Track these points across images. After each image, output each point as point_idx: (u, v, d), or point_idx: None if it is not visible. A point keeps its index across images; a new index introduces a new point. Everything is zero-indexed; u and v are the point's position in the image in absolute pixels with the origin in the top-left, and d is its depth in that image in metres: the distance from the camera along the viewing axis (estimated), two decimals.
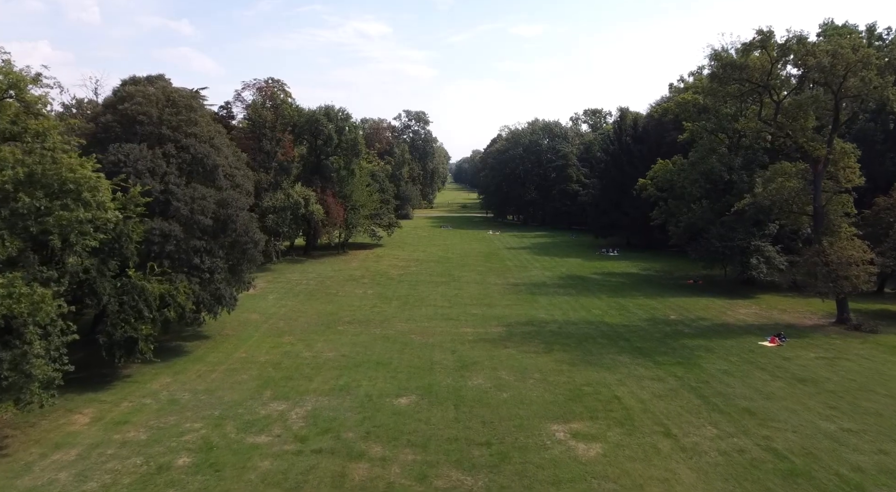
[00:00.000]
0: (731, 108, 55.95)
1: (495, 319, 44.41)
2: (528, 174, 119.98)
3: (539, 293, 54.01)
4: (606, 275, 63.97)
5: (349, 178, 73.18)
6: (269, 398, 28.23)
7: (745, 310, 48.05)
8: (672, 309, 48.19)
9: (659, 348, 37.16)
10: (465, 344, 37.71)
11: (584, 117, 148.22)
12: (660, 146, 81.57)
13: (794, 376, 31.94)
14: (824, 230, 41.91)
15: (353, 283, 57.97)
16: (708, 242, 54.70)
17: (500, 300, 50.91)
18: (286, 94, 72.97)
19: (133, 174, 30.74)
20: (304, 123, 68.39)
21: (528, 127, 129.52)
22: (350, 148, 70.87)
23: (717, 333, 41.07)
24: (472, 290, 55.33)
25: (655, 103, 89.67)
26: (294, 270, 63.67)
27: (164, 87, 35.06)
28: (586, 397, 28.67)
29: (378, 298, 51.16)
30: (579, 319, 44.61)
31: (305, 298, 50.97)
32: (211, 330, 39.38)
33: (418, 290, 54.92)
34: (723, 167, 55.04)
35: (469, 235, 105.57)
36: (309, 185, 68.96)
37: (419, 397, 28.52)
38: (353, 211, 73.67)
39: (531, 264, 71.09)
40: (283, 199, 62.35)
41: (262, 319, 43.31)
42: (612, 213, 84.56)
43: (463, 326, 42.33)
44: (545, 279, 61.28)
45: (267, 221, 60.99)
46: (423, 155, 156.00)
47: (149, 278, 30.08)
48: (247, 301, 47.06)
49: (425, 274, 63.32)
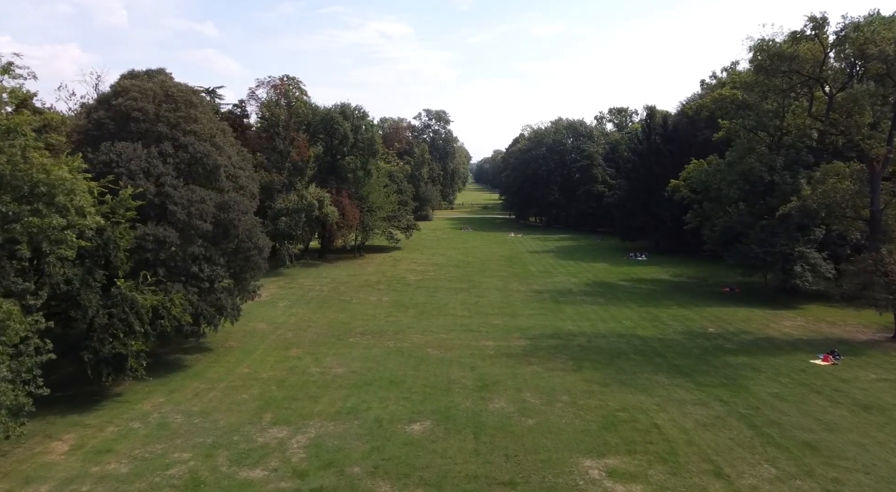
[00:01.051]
0: (772, 103, 52.06)
1: (518, 330, 41.32)
2: (552, 175, 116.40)
3: (565, 302, 50.74)
4: (636, 282, 60.41)
5: (366, 178, 70.57)
6: (269, 423, 25.53)
7: (790, 322, 44.30)
8: (709, 320, 44.62)
9: (699, 367, 33.77)
10: (486, 360, 34.71)
11: (608, 116, 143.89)
12: (691, 146, 77.60)
13: (856, 402, 28.37)
14: (882, 237, 38.08)
15: (367, 289, 55.24)
16: (747, 248, 50.95)
17: (524, 309, 47.77)
18: (301, 91, 70.66)
19: (125, 175, 28.28)
20: (319, 121, 65.89)
21: (551, 126, 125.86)
22: (367, 147, 68.22)
23: (761, 348, 37.49)
24: (494, 297, 52.26)
25: (687, 101, 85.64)
26: (307, 275, 61.16)
27: (162, 81, 32.61)
28: (622, 426, 25.48)
29: (393, 307, 48.34)
30: (609, 332, 41.31)
31: (317, 305, 48.34)
32: (213, 342, 36.88)
33: (436, 297, 52.00)
34: (763, 167, 51.20)
35: (490, 237, 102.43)
36: (324, 186, 66.48)
37: (434, 424, 25.60)
38: (369, 213, 71.05)
39: (555, 270, 67.77)
40: (296, 200, 59.91)
41: (270, 330, 40.73)
42: (641, 215, 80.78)
43: (484, 338, 39.32)
44: (571, 286, 57.95)
45: (279, 224, 58.65)
46: (443, 155, 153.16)
47: (141, 289, 27.58)
48: (254, 309, 44.66)
49: (444, 280, 60.39)
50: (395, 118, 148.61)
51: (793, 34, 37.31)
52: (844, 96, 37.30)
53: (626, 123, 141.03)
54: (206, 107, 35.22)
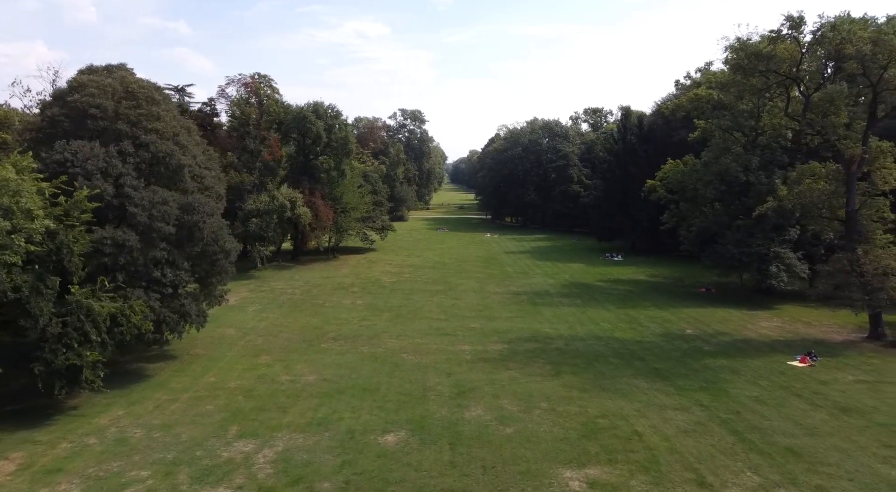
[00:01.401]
0: (747, 104, 52.07)
1: (495, 334, 40.50)
2: (528, 175, 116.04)
3: (542, 304, 50.09)
4: (613, 282, 60.08)
5: (339, 179, 69.19)
6: (235, 436, 24.26)
7: (766, 323, 44.21)
8: (687, 322, 44.33)
9: (678, 370, 33.29)
10: (463, 365, 33.80)
11: (584, 116, 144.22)
12: (667, 146, 77.69)
13: (836, 405, 28.08)
14: (857, 237, 38.07)
15: (341, 292, 53.96)
16: (723, 248, 50.87)
17: (501, 312, 47.00)
18: (273, 89, 69.10)
19: (81, 175, 26.75)
20: (292, 120, 64.29)
21: (527, 126, 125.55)
22: (340, 147, 66.85)
23: (740, 350, 37.20)
24: (471, 300, 51.39)
25: (662, 101, 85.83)
26: (279, 278, 59.62)
27: (122, 77, 31.05)
28: (602, 433, 24.76)
29: (368, 310, 47.18)
30: (587, 335, 40.71)
31: (289, 309, 46.95)
32: (178, 349, 35.35)
33: (412, 300, 50.96)
34: (739, 168, 51.18)
35: (466, 237, 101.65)
36: (296, 186, 64.97)
37: (409, 434, 24.59)
38: (343, 214, 69.70)
39: (532, 270, 67.20)
40: (267, 201, 58.35)
41: (239, 335, 39.29)
42: (617, 215, 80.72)
43: (460, 342, 38.41)
44: (548, 287, 57.37)
45: (250, 226, 57.05)
46: (418, 155, 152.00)
47: (99, 295, 26.08)
48: (223, 314, 43.14)
49: (420, 282, 59.36)
50: (370, 118, 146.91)
51: (770, 33, 37.09)
52: (820, 96, 37.20)
53: (602, 124, 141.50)
54: (170, 104, 33.70)
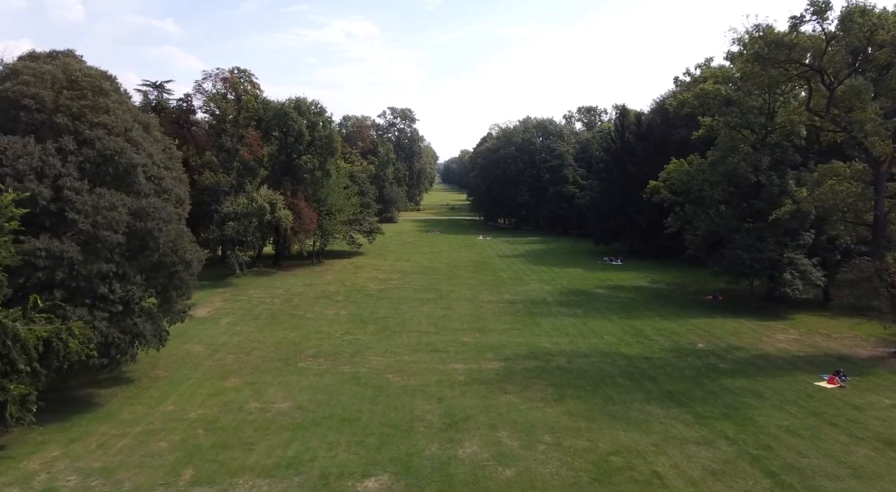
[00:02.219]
0: (757, 99, 48.93)
1: (490, 349, 36.96)
2: (521, 175, 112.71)
3: (540, 314, 46.61)
4: (613, 289, 56.70)
5: (324, 179, 65.45)
6: (188, 483, 20.58)
7: (782, 335, 40.93)
8: (697, 334, 40.99)
9: (695, 393, 29.89)
10: (455, 388, 30.25)
11: (578, 115, 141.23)
12: (666, 144, 74.66)
13: (878, 437, 24.73)
14: (886, 243, 34.84)
15: (324, 301, 50.21)
16: (732, 254, 47.57)
17: (496, 323, 43.47)
18: (253, 85, 65.29)
19: (10, 176, 22.95)
20: (272, 117, 60.43)
21: (520, 125, 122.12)
22: (324, 146, 63.09)
23: (759, 368, 33.85)
24: (463, 309, 47.84)
25: (661, 98, 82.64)
26: (258, 285, 55.78)
27: (66, 64, 27.21)
28: (617, 476, 21.30)
29: (352, 322, 43.50)
30: (591, 350, 37.25)
31: (265, 322, 43.18)
32: (136, 371, 31.55)
33: (400, 310, 47.33)
34: (748, 168, 47.94)
35: (458, 240, 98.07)
36: (278, 187, 61.14)
37: (393, 478, 21.03)
38: (328, 216, 65.96)
39: (527, 276, 63.71)
40: (245, 203, 54.52)
41: (207, 353, 35.49)
42: (615, 217, 77.45)
43: (452, 360, 34.84)
44: (545, 295, 53.89)
45: (226, 230, 53.21)
46: (409, 154, 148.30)
47: (30, 316, 22.30)
48: (192, 328, 39.41)
49: (409, 289, 55.71)
50: (358, 116, 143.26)
51: (792, 20, 33.80)
52: (846, 89, 33.93)
53: (596, 123, 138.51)
54: (122, 96, 29.84)
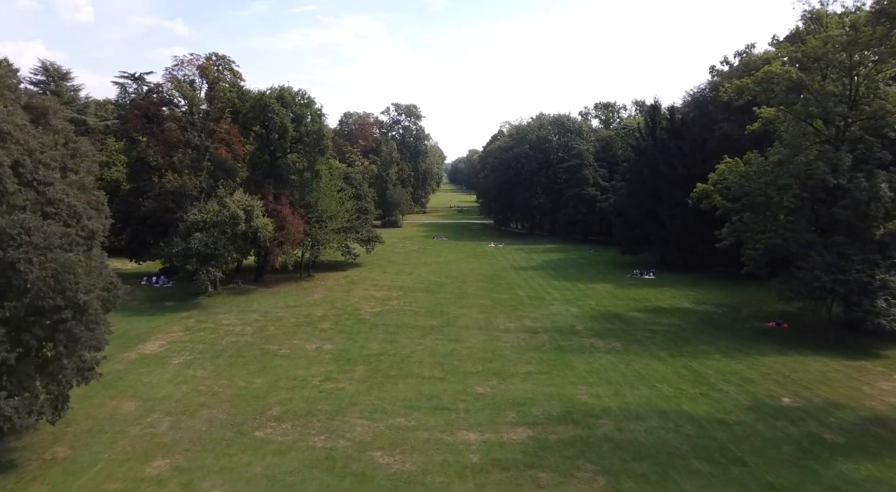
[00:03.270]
0: (837, 85, 39.88)
1: (513, 406, 28.19)
2: (535, 176, 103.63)
3: (570, 349, 37.70)
4: (653, 313, 47.65)
5: (313, 181, 56.79)
6: None
7: (887, 384, 31.83)
8: (776, 382, 31.99)
9: (807, 487, 20.97)
10: (467, 477, 21.57)
11: (595, 112, 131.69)
12: (705, 142, 65.72)
13: None
14: None
15: (306, 330, 41.47)
16: (807, 274, 38.51)
17: (517, 363, 34.62)
18: (234, 74, 56.66)
19: None
20: (249, 109, 51.67)
21: (534, 121, 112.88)
22: (313, 143, 54.33)
23: (881, 441, 24.87)
24: (475, 341, 39.02)
25: (695, 90, 73.56)
26: (231, 307, 47.09)
27: None
28: None
29: (336, 361, 34.75)
30: (644, 407, 28.37)
31: (228, 361, 34.46)
32: (30, 446, 22.95)
33: (398, 342, 38.55)
34: (826, 168, 38.88)
35: (467, 248, 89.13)
36: (259, 191, 52.49)
37: None
38: (318, 224, 57.23)
39: (549, 294, 54.74)
40: (216, 211, 45.90)
41: (138, 414, 26.82)
42: (646, 225, 68.35)
43: (462, 424, 26.10)
44: (573, 320, 44.95)
45: (192, 242, 44.60)
46: (414, 154, 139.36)
47: None
48: (131, 373, 31.08)
49: (409, 312, 46.90)
50: (360, 113, 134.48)
51: None
52: None
53: (614, 119, 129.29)
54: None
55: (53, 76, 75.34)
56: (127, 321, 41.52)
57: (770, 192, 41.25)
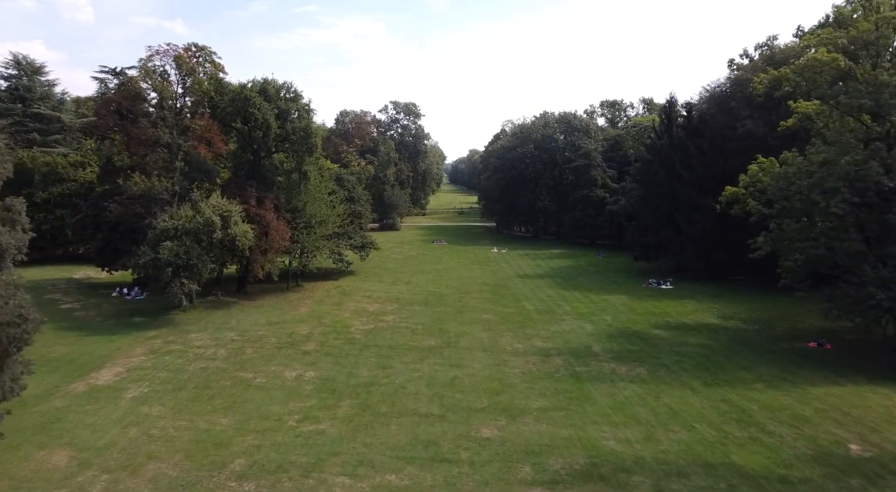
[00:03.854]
0: (891, 74, 35.04)
1: (526, 456, 23.35)
2: (540, 177, 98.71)
3: (589, 376, 32.83)
4: (676, 330, 42.78)
5: (301, 183, 51.93)
6: None
7: None
8: (834, 420, 27.12)
9: None
10: None
11: (600, 111, 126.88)
12: (727, 140, 60.83)
13: None
14: None
15: (288, 352, 36.60)
16: (860, 290, 33.67)
17: (528, 396, 29.77)
18: (216, 66, 51.82)
19: None
20: (228, 103, 46.77)
21: (538, 119, 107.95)
22: (300, 141, 49.45)
23: None
24: (479, 367, 34.16)
25: (713, 86, 68.64)
26: (206, 324, 42.23)
27: None
28: None
29: (318, 393, 29.88)
30: (685, 457, 23.48)
31: (191, 394, 29.58)
32: None
33: (391, 369, 33.67)
34: (880, 169, 34.06)
35: (468, 253, 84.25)
36: (241, 194, 47.68)
37: None
38: (306, 230, 52.38)
39: (559, 307, 49.86)
40: (188, 217, 41.05)
41: (67, 473, 21.91)
42: (661, 229, 63.46)
43: (466, 485, 21.25)
44: (588, 340, 40.08)
45: (162, 252, 39.75)
46: (413, 153, 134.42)
47: None
48: (73, 409, 26.46)
49: (406, 330, 42.04)
50: (357, 111, 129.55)
51: None
52: None
53: (621, 118, 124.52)
54: None
55: (26, 70, 70.64)
56: (83, 343, 36.74)
57: (814, 196, 36.35)
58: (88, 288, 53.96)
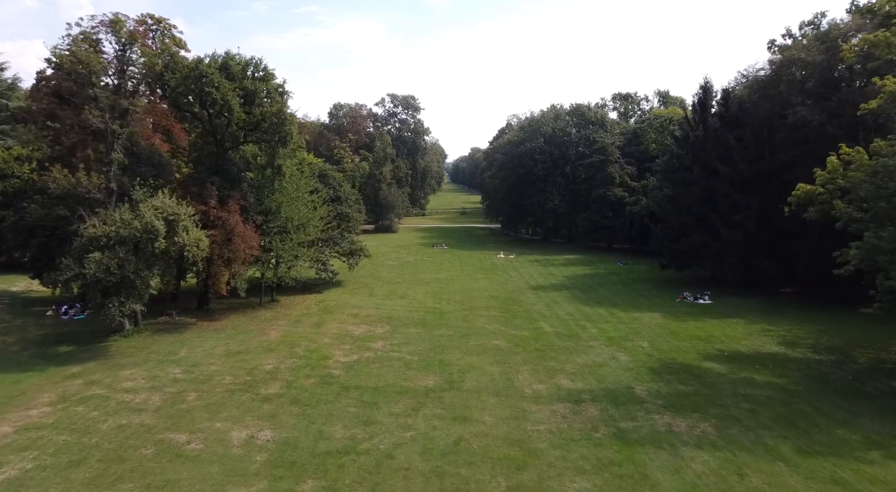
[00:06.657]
0: None
1: None
2: (551, 174, 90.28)
3: (639, 438, 24.42)
4: (733, 362, 34.37)
5: (275, 180, 43.59)
6: None
7: None
8: None
9: None
10: None
11: (612, 104, 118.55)
12: (774, 131, 52.54)
13: None
14: None
15: (242, 399, 28.22)
16: None
17: (562, 474, 21.40)
18: (177, 42, 43.60)
19: None
20: (181, 81, 38.36)
21: (549, 111, 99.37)
22: (272, 129, 41.12)
23: None
24: (491, 423, 25.77)
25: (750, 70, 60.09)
26: (148, 355, 33.87)
27: None
28: None
29: (270, 472, 21.47)
30: None
31: (90, 474, 21.17)
32: None
33: (374, 427, 25.28)
34: None
35: (472, 259, 75.87)
36: (199, 193, 39.36)
37: None
38: (281, 235, 44.06)
39: (584, 329, 41.51)
40: (125, 221, 32.71)
41: None
42: (695, 234, 55.06)
43: None
44: (626, 377, 31.68)
45: (88, 266, 31.41)
46: (412, 150, 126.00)
47: None
48: None
49: (397, 363, 33.67)
50: (352, 104, 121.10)
51: None
52: None
53: (635, 111, 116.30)
54: None
55: None
56: None
57: None
58: (22, 304, 45.68)
